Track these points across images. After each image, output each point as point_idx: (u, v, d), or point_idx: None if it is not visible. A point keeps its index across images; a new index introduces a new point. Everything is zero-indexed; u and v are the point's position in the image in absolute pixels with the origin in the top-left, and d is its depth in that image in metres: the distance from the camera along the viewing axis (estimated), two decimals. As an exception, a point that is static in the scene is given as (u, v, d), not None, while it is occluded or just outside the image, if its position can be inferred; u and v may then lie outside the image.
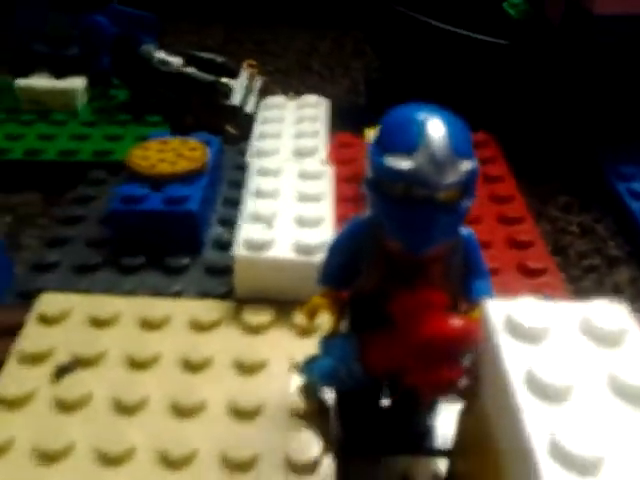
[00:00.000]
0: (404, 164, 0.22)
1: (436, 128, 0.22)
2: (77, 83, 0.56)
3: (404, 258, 0.24)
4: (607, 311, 0.22)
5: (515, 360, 0.20)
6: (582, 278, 0.39)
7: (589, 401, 0.19)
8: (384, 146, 0.23)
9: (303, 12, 0.81)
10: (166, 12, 0.63)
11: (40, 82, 0.55)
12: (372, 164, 0.23)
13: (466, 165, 0.22)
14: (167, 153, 0.42)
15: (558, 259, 0.40)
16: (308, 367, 0.29)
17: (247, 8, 0.83)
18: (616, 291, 0.38)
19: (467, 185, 0.23)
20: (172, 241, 0.39)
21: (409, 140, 0.22)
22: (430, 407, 0.29)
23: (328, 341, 0.28)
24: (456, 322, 0.24)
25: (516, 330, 0.21)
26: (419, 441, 0.28)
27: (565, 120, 0.50)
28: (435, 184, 0.22)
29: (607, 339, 0.21)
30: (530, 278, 0.36)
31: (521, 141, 0.49)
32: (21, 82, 0.55)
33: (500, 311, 0.22)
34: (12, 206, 0.47)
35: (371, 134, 0.44)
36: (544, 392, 0.19)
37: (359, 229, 0.26)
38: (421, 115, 0.22)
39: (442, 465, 0.28)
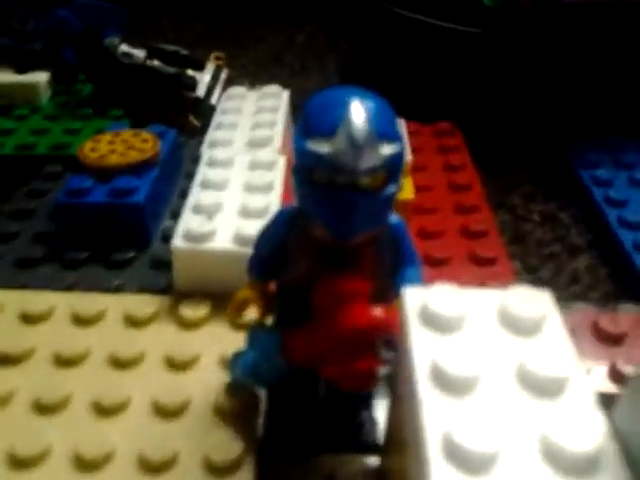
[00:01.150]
0: (323, 148, 0.21)
1: (356, 111, 0.21)
2: (40, 77, 0.55)
3: (331, 246, 0.23)
4: (527, 298, 0.20)
5: (424, 350, 0.19)
6: (540, 267, 0.37)
7: (493, 394, 0.18)
8: (306, 130, 0.21)
9: (282, 7, 0.80)
10: (145, 8, 0.62)
11: (3, 77, 0.54)
12: (295, 149, 0.22)
13: (388, 149, 0.21)
14: (118, 145, 0.41)
15: (517, 248, 0.39)
16: (233, 362, 0.27)
17: (227, 5, 0.82)
18: (574, 279, 0.36)
19: (392, 170, 0.22)
20: (119, 235, 0.38)
21: (329, 123, 0.21)
22: (363, 402, 0.28)
23: (253, 334, 0.26)
24: (375, 312, 0.22)
25: (429, 319, 0.20)
26: (350, 438, 0.27)
27: (532, 110, 0.49)
28: (354, 169, 0.21)
29: (523, 328, 0.19)
30: (480, 267, 0.34)
31: (488, 131, 0.48)
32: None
33: (416, 299, 0.21)
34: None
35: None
36: (447, 384, 0.18)
37: (284, 219, 0.25)
38: (343, 98, 0.21)
39: (374, 462, 0.26)
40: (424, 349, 0.19)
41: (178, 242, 0.33)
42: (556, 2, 0.48)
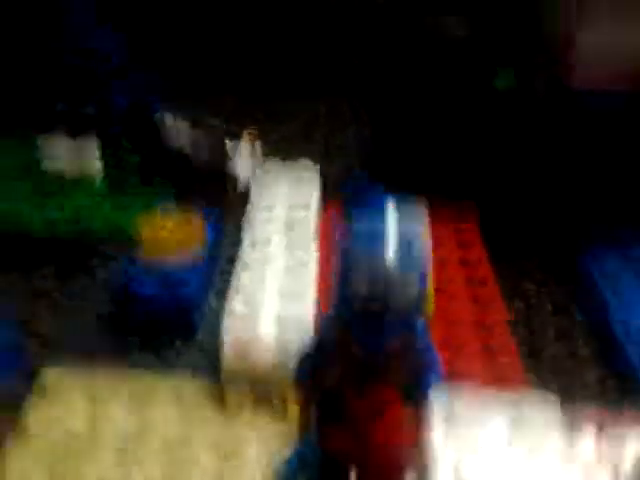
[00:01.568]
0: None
1: (390, 255, 0.25)
2: (93, 149, 0.58)
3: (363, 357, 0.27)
4: (537, 403, 0.24)
5: (444, 447, 0.23)
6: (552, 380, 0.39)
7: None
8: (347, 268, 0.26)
9: (312, 82, 0.83)
10: (183, 81, 0.66)
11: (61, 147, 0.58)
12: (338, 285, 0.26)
13: (416, 288, 0.25)
14: (169, 233, 0.45)
15: (530, 361, 0.40)
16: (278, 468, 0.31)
17: (259, 80, 0.85)
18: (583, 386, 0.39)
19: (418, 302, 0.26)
20: (170, 323, 0.42)
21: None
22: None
23: (295, 449, 0.30)
24: (404, 428, 0.26)
25: (450, 419, 0.24)
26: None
27: (543, 198, 0.52)
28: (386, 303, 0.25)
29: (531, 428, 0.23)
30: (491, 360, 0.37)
31: (501, 216, 0.51)
32: (43, 142, 0.58)
33: (438, 400, 0.25)
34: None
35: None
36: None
37: (324, 328, 0.29)
38: (380, 237, 0.26)
39: None
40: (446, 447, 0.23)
41: (226, 334, 0.37)
42: (567, 90, 0.52)
